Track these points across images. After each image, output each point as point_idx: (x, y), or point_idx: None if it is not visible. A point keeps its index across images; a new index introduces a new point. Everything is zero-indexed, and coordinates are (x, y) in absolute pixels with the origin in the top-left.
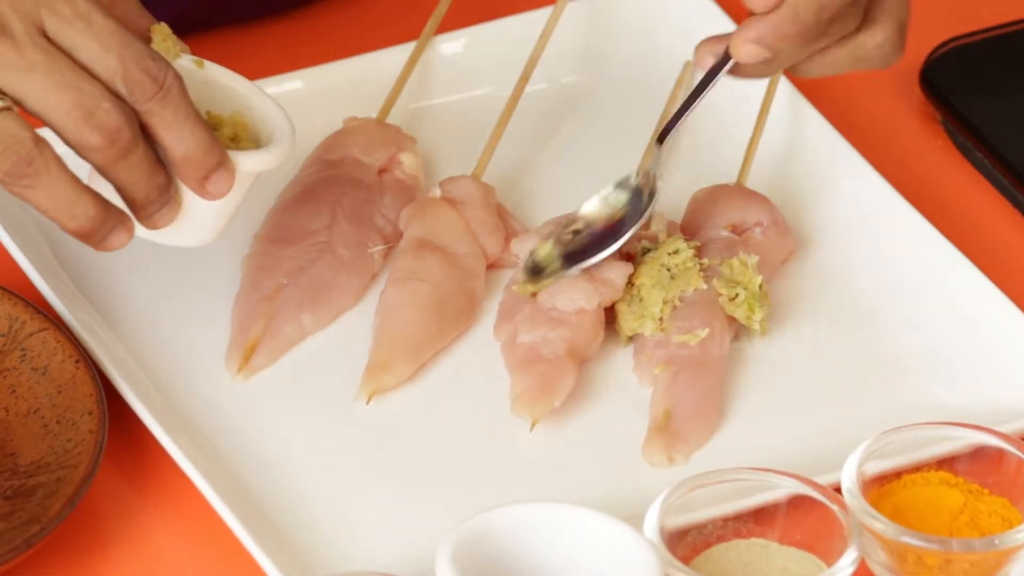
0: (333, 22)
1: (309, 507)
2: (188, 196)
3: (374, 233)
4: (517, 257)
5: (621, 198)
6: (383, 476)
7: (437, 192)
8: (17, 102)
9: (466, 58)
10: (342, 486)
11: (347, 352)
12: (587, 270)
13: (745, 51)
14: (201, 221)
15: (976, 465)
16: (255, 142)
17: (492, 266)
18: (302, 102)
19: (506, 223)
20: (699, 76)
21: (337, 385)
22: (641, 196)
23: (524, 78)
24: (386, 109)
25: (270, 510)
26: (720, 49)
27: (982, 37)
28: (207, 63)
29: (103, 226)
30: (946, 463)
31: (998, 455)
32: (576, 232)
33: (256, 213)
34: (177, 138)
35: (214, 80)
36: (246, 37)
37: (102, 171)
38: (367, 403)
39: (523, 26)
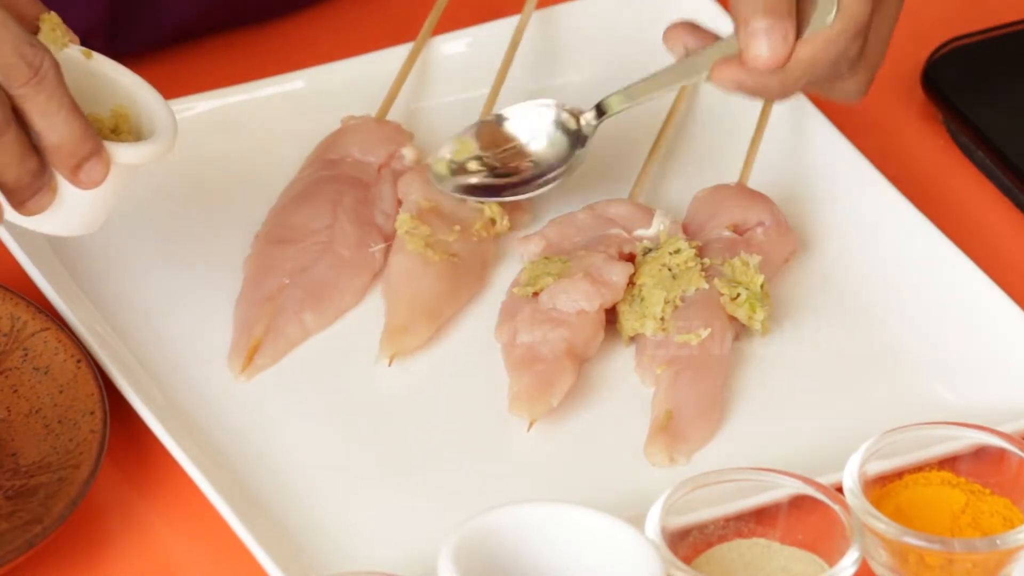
0: (332, 24)
1: (310, 507)
2: (65, 185)
3: (375, 232)
4: (521, 257)
5: (562, 140)
6: (384, 476)
7: None
8: None
9: (466, 58)
10: (343, 486)
11: (348, 352)
12: (587, 271)
13: (722, 83)
14: (77, 211)
15: (978, 465)
16: (137, 136)
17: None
18: (302, 102)
19: None
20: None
21: (338, 385)
22: (576, 145)
23: (502, 74)
24: (385, 108)
25: (272, 510)
26: (691, 43)
27: (984, 37)
28: (96, 55)
29: None
30: (948, 463)
31: (1000, 455)
32: (506, 152)
33: (256, 213)
34: (50, 125)
35: (101, 72)
36: (246, 39)
37: None
38: (389, 365)
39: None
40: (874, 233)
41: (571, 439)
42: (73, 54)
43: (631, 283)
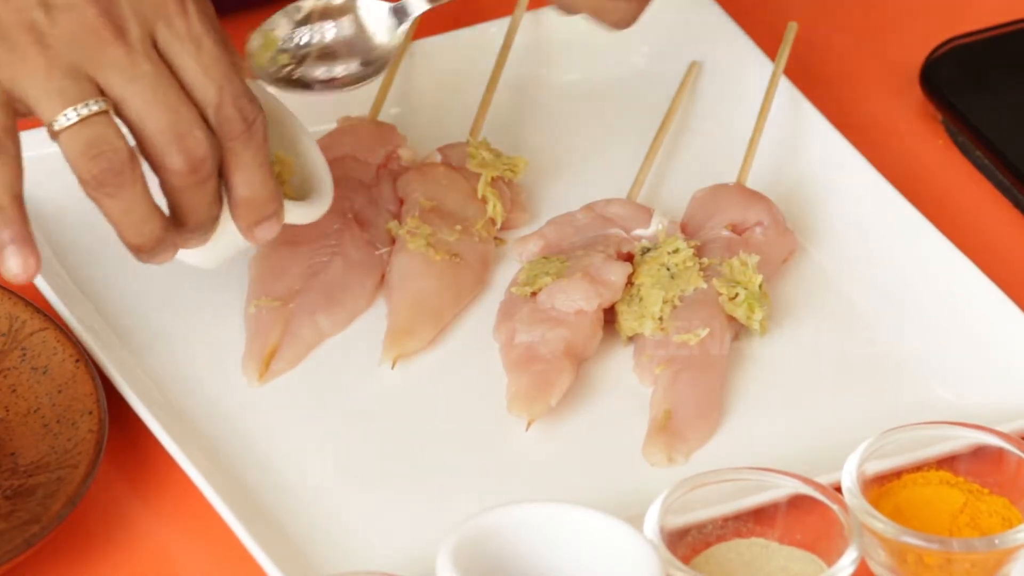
0: None
1: (309, 507)
2: (224, 225)
3: (381, 234)
4: (519, 257)
5: (381, 14)
6: (383, 476)
7: (437, 157)
8: (114, 106)
9: (458, 60)
10: (342, 486)
11: (348, 352)
12: (586, 271)
13: None
14: (223, 250)
15: (976, 465)
16: (295, 184)
17: (501, 228)
18: (297, 101)
19: (501, 189)
20: None
21: (337, 385)
22: (397, 18)
23: (500, 65)
24: (377, 107)
25: (270, 510)
26: None
27: (983, 36)
28: (266, 91)
29: (159, 246)
30: (946, 463)
31: (998, 455)
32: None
33: None
34: (247, 181)
35: (269, 109)
36: (237, 32)
37: (171, 192)
38: (392, 368)
39: (526, 25)
40: (873, 233)
41: (570, 439)
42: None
43: (629, 283)
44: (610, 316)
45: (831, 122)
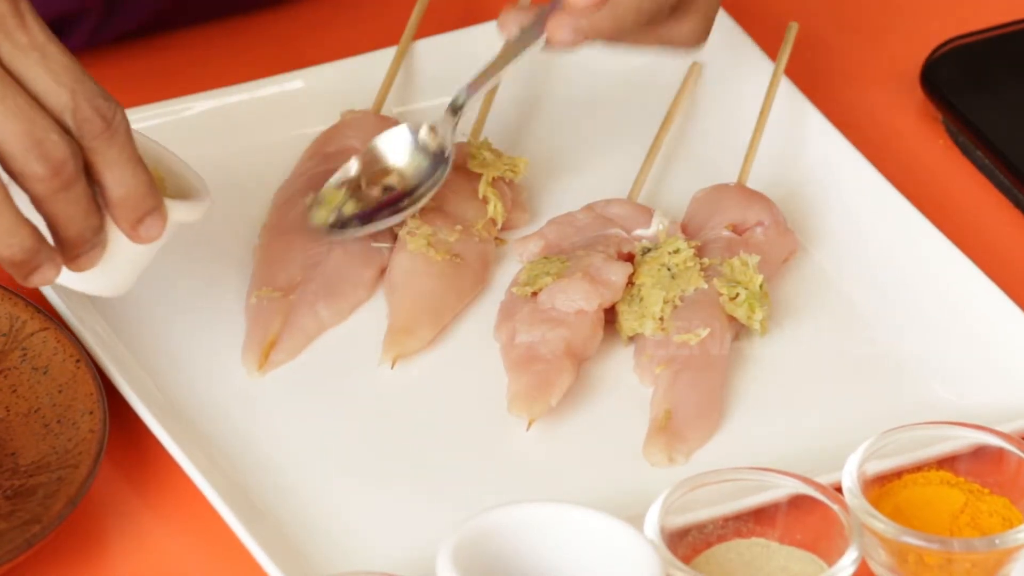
0: (323, 20)
1: (309, 507)
2: (114, 243)
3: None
4: (520, 257)
5: (422, 160)
6: (383, 476)
7: None
8: None
9: (459, 59)
10: (343, 486)
11: (348, 351)
12: (586, 271)
13: (560, 35)
14: (118, 269)
15: (977, 465)
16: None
17: (502, 228)
18: (300, 101)
19: (502, 189)
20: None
21: (337, 384)
22: (438, 161)
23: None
24: (380, 102)
25: (271, 509)
26: (526, 22)
27: (983, 37)
28: None
29: (34, 259)
30: (947, 463)
31: (998, 455)
32: (373, 188)
33: (256, 212)
34: (118, 178)
35: None
36: (236, 32)
37: (40, 203)
38: (392, 368)
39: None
40: (873, 233)
41: (570, 439)
42: None
43: (630, 283)
44: (610, 316)
45: (831, 122)
